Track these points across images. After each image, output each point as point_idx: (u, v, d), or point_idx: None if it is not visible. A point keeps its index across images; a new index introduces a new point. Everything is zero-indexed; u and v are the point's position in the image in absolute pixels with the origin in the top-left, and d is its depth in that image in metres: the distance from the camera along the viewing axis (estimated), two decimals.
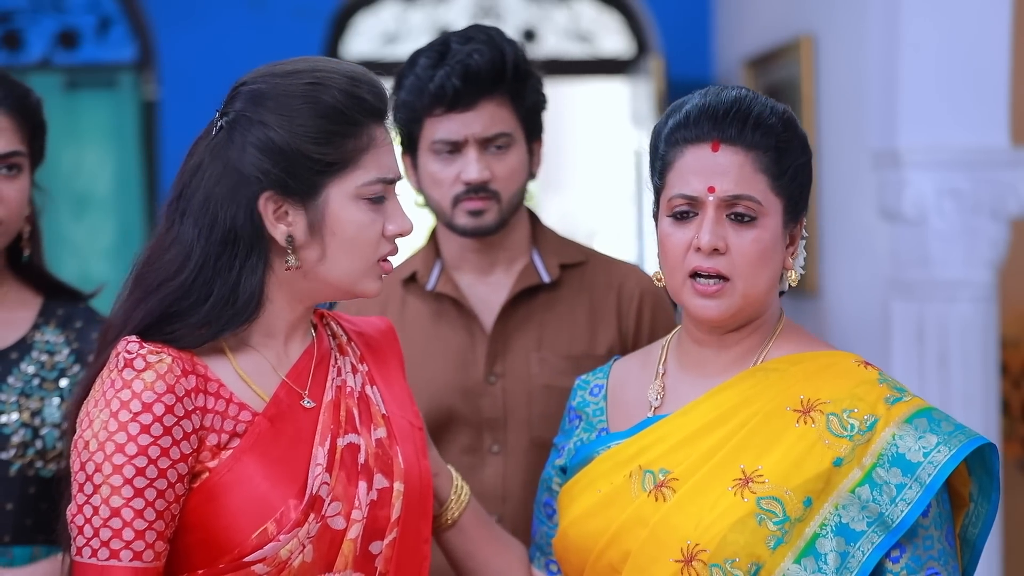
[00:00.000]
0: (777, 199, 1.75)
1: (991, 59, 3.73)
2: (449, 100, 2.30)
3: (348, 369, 1.80)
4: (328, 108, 1.67)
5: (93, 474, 1.61)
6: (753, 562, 1.66)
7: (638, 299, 2.43)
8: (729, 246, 1.73)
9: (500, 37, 2.36)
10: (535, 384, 2.38)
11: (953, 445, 1.67)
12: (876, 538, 1.66)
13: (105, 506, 1.60)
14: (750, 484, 1.69)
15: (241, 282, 1.67)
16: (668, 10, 5.93)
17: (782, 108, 1.79)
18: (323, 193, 1.68)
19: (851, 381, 1.73)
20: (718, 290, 1.74)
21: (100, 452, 1.60)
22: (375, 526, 1.71)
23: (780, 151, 1.75)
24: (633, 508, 1.76)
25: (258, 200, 1.67)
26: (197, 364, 1.66)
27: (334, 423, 1.72)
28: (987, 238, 3.74)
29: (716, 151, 1.74)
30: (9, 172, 2.19)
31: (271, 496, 1.65)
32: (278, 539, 1.63)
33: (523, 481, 2.35)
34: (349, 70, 1.72)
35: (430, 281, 2.43)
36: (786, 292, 1.85)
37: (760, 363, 1.79)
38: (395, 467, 1.75)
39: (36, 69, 5.73)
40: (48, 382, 2.22)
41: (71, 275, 2.42)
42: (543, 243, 2.46)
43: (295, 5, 5.77)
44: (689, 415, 1.78)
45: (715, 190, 1.73)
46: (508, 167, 2.35)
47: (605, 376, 1.95)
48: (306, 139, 1.66)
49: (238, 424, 1.67)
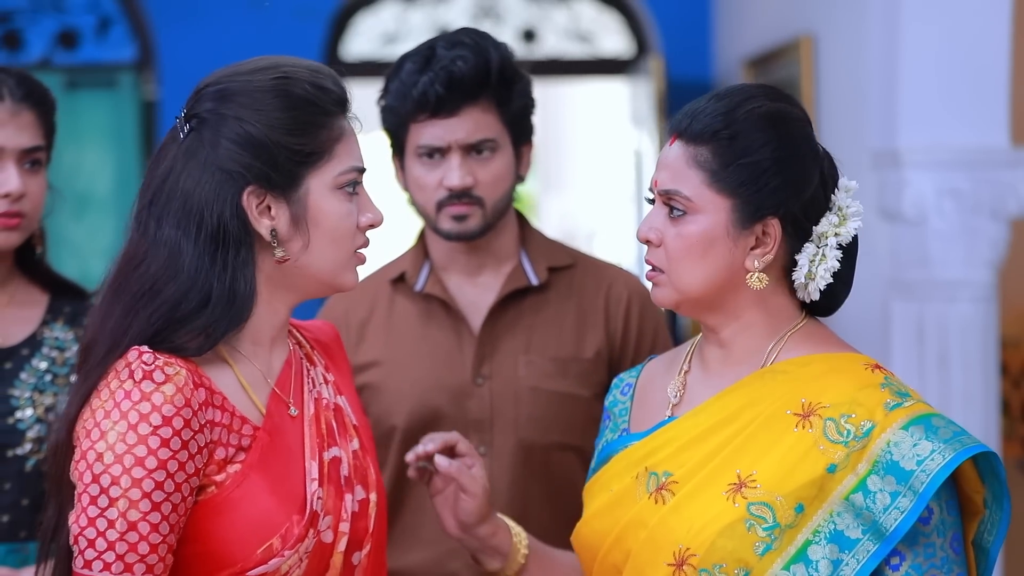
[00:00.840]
0: (718, 196, 1.72)
1: (991, 59, 3.74)
2: (432, 106, 2.31)
3: (320, 380, 1.80)
4: (299, 100, 1.68)
5: (109, 487, 1.57)
6: (741, 568, 1.65)
7: (626, 302, 2.43)
8: (663, 239, 1.75)
9: (486, 42, 2.35)
10: (522, 386, 2.38)
11: (947, 453, 1.63)
12: (871, 546, 1.64)
13: (122, 519, 1.57)
14: (743, 489, 1.68)
15: (237, 280, 1.66)
16: (668, 10, 5.93)
17: (760, 106, 1.74)
18: (304, 184, 1.68)
19: (854, 385, 1.71)
20: (654, 277, 1.78)
21: (118, 465, 1.57)
22: (356, 537, 1.72)
23: (725, 147, 1.72)
24: (635, 510, 1.76)
25: (242, 195, 1.66)
26: (203, 376, 1.65)
27: (319, 436, 1.72)
28: (987, 238, 3.74)
29: (672, 144, 1.77)
30: (32, 167, 2.22)
31: (277, 512, 1.64)
32: (282, 554, 1.63)
33: (509, 482, 2.36)
34: (310, 64, 1.74)
35: (419, 282, 2.43)
36: (807, 301, 1.80)
37: (770, 365, 1.77)
38: (369, 478, 1.76)
39: (36, 69, 5.73)
40: (60, 378, 2.25)
41: (71, 275, 2.43)
42: (531, 246, 2.46)
43: (295, 5, 5.76)
44: (698, 417, 1.77)
45: (657, 183, 1.76)
46: (492, 173, 2.35)
47: (636, 375, 1.95)
48: (282, 131, 1.67)
49: (242, 438, 1.66)
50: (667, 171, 1.75)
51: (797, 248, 1.76)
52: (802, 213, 1.74)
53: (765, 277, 1.74)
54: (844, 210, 1.77)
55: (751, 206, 1.72)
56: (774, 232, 1.73)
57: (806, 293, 1.77)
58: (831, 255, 1.75)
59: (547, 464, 2.37)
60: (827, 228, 1.76)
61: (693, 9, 5.91)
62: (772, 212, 1.73)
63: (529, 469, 2.37)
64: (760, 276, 1.74)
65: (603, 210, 8.31)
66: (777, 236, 1.74)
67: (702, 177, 1.73)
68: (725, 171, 1.72)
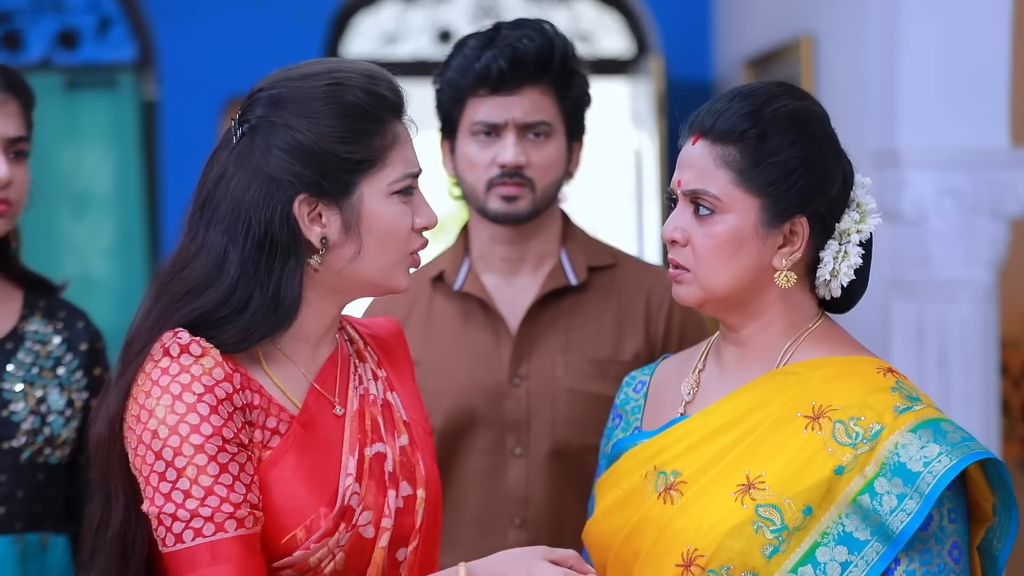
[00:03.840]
0: (747, 195, 1.73)
1: (991, 59, 3.73)
2: (494, 81, 2.31)
3: (369, 376, 1.79)
4: (351, 107, 1.67)
5: (173, 459, 1.58)
6: (748, 570, 1.65)
7: (668, 304, 2.41)
8: (690, 238, 1.74)
9: (552, 29, 2.37)
10: (559, 387, 2.36)
11: (955, 456, 1.63)
12: (880, 547, 1.64)
13: (197, 487, 1.58)
14: (752, 490, 1.68)
15: (282, 287, 1.66)
16: (668, 10, 5.92)
17: (785, 105, 1.75)
18: (356, 191, 1.68)
19: (865, 388, 1.71)
20: (678, 275, 1.77)
21: (175, 436, 1.58)
22: (401, 533, 1.71)
23: (753, 146, 1.73)
24: (644, 510, 1.76)
25: (293, 204, 1.66)
26: (239, 366, 1.66)
27: (361, 432, 1.72)
28: (987, 238, 3.73)
29: (694, 144, 1.76)
30: (17, 157, 2.22)
31: (305, 501, 1.64)
32: (307, 547, 1.63)
33: (545, 484, 2.35)
34: (366, 69, 1.72)
35: (457, 280, 2.42)
36: (826, 298, 1.80)
37: (783, 366, 1.77)
38: (417, 474, 1.75)
39: (36, 69, 5.73)
40: (46, 370, 2.26)
41: (71, 275, 2.44)
42: (572, 244, 2.44)
43: (295, 5, 5.76)
44: (709, 416, 1.77)
45: (680, 183, 1.76)
46: (545, 156, 2.35)
47: (650, 373, 1.95)
48: (334, 139, 1.66)
49: (280, 423, 1.66)
50: (692, 171, 1.75)
51: (820, 245, 1.77)
52: (827, 211, 1.76)
53: (793, 275, 1.75)
54: (864, 207, 1.78)
55: (780, 205, 1.73)
56: (802, 231, 1.75)
57: (827, 290, 1.78)
58: (853, 252, 1.76)
59: (583, 466, 2.34)
60: (849, 225, 1.77)
61: (693, 9, 5.91)
62: (800, 211, 1.74)
63: (565, 470, 2.36)
64: (788, 275, 1.75)
65: (603, 210, 8.31)
66: (805, 234, 1.75)
67: (730, 177, 1.73)
68: (754, 170, 1.72)
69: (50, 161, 5.77)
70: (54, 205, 5.68)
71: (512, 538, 2.35)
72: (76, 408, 2.26)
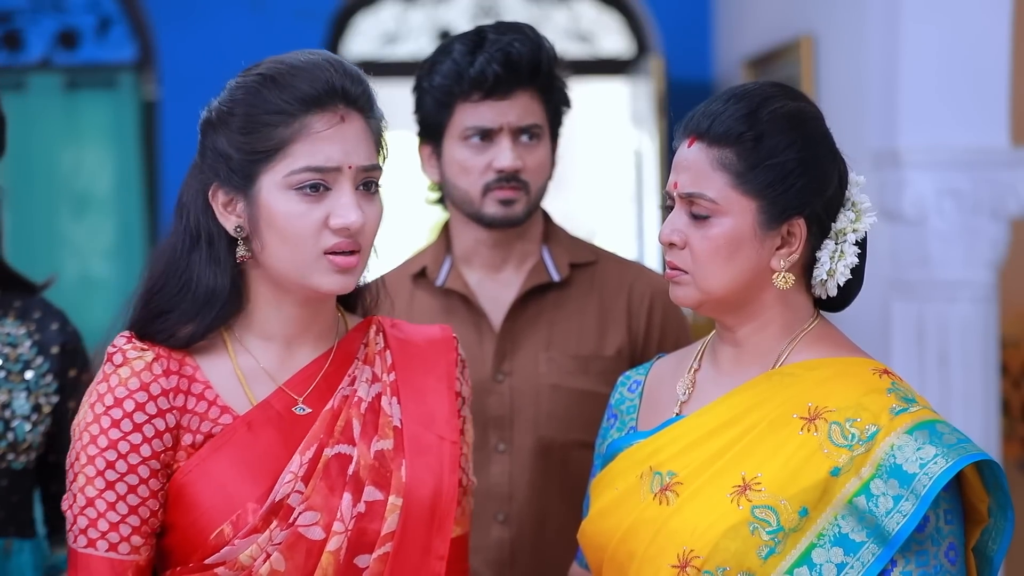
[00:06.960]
0: (744, 198, 1.72)
1: (991, 59, 3.73)
2: (489, 86, 2.30)
3: (365, 378, 1.77)
4: (258, 97, 1.68)
5: (73, 463, 1.67)
6: (744, 571, 1.65)
7: (649, 300, 2.42)
8: (688, 241, 1.74)
9: (535, 32, 2.37)
10: (543, 383, 2.37)
11: (951, 458, 1.63)
12: (876, 549, 1.63)
13: (81, 495, 1.65)
14: (747, 491, 1.68)
15: (210, 276, 1.70)
16: (668, 10, 5.93)
17: (782, 106, 1.75)
18: (258, 183, 1.68)
19: (860, 390, 1.71)
20: (675, 276, 1.77)
21: (79, 442, 1.67)
22: (362, 539, 1.68)
23: (750, 149, 1.72)
24: (639, 510, 1.75)
25: (209, 192, 1.71)
26: (185, 365, 1.70)
27: (325, 432, 1.71)
28: (987, 238, 3.74)
29: (690, 146, 1.75)
30: None
31: (235, 497, 1.65)
32: (233, 543, 1.63)
33: (529, 480, 2.35)
34: (304, 60, 1.70)
35: (440, 277, 2.42)
36: (823, 298, 1.80)
37: (778, 367, 1.77)
38: (393, 480, 1.71)
39: (36, 69, 5.73)
40: (14, 374, 2.19)
41: (71, 275, 2.43)
42: (554, 241, 2.45)
43: (295, 5, 5.76)
44: (704, 416, 1.77)
45: (677, 186, 1.75)
46: (538, 159, 2.36)
47: (645, 372, 1.94)
48: (236, 129, 1.68)
49: (215, 426, 1.69)
50: (688, 173, 1.74)
51: (816, 245, 1.76)
52: (824, 211, 1.75)
53: (791, 276, 1.75)
54: (859, 206, 1.78)
55: (777, 207, 1.73)
56: (799, 232, 1.74)
57: (824, 290, 1.78)
58: (849, 251, 1.76)
59: (566, 462, 2.35)
60: (845, 224, 1.77)
61: (693, 9, 5.91)
62: (798, 212, 1.73)
63: (548, 467, 2.36)
64: (786, 276, 1.74)
65: (603, 210, 8.31)
66: (802, 235, 1.74)
67: (727, 179, 1.72)
68: (751, 173, 1.72)
69: (50, 161, 5.78)
70: (54, 205, 5.69)
71: (495, 534, 2.35)
72: (43, 413, 2.18)
